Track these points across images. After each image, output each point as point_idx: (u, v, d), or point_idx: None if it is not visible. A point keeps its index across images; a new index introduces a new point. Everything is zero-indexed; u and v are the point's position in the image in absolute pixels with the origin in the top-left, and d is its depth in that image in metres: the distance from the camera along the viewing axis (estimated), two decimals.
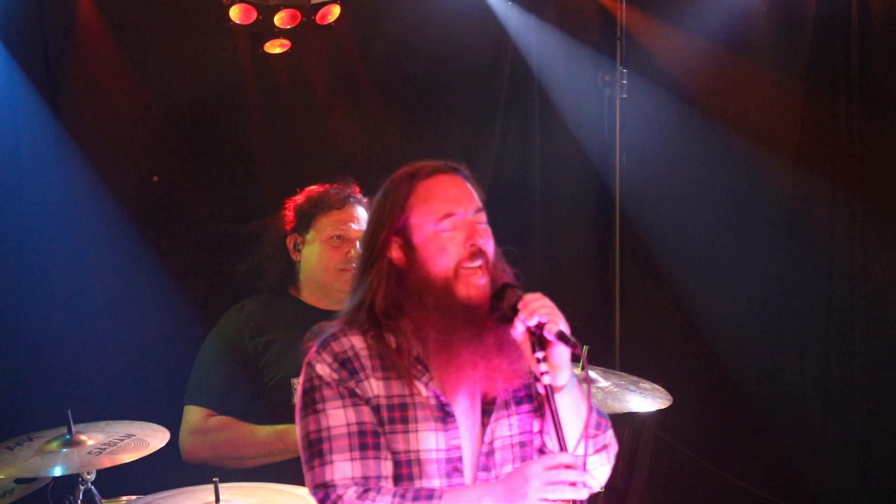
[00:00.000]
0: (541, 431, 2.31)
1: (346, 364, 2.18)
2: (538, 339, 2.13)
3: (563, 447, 2.09)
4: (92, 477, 2.99)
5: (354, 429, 2.14)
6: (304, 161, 4.30)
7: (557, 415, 2.11)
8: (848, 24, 4.76)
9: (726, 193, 4.94)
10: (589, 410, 2.20)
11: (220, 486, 2.68)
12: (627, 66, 4.73)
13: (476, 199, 2.29)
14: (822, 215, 4.87)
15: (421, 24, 4.44)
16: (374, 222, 2.29)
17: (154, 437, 3.01)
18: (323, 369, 2.19)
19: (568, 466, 2.06)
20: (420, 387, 2.20)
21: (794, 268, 4.97)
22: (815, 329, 4.93)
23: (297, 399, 2.23)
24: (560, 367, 2.17)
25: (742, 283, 4.97)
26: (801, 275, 4.96)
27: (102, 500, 3.08)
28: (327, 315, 3.45)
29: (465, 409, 2.24)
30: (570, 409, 2.20)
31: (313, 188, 3.56)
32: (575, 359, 2.21)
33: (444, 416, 2.20)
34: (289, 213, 3.53)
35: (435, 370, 2.21)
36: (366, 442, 2.14)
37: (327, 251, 3.42)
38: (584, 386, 2.22)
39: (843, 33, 4.77)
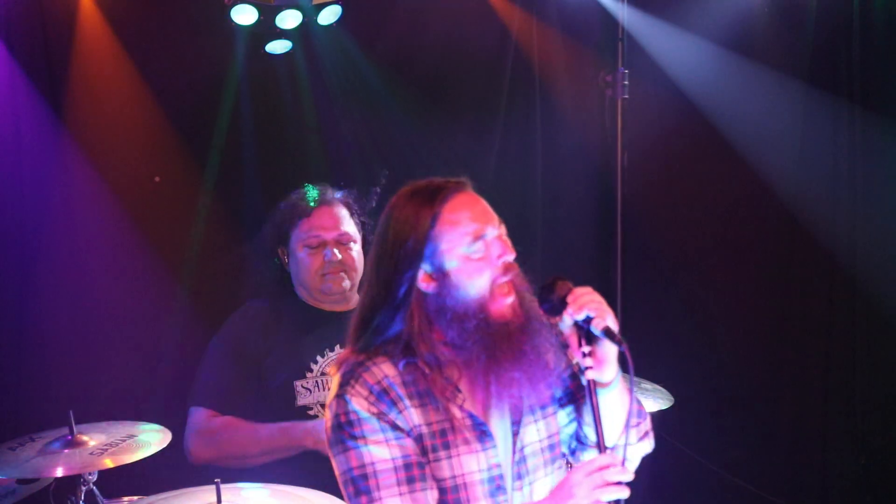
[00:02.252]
0: (578, 421, 2.32)
1: (382, 396, 2.13)
2: (585, 333, 2.12)
3: (601, 444, 2.09)
4: (94, 478, 2.99)
5: (400, 462, 2.10)
6: (306, 161, 4.30)
7: (598, 411, 2.10)
8: (849, 24, 4.76)
9: (727, 193, 4.95)
10: (631, 400, 2.21)
11: (222, 486, 2.67)
12: (629, 67, 4.72)
13: (494, 212, 2.25)
14: (823, 215, 4.87)
15: (422, 24, 4.45)
16: (393, 255, 2.18)
17: (156, 438, 3.01)
18: (359, 403, 2.12)
19: (609, 467, 2.05)
20: (455, 410, 2.17)
21: (795, 267, 4.97)
22: (816, 328, 4.94)
23: (328, 432, 2.16)
24: (605, 363, 2.16)
25: (743, 283, 4.98)
26: (801, 274, 4.96)
27: (104, 501, 3.08)
28: (330, 316, 3.48)
29: (496, 423, 2.22)
30: (614, 404, 2.21)
31: (286, 199, 3.55)
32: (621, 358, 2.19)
33: (481, 434, 2.18)
34: (269, 228, 3.54)
35: (467, 390, 2.19)
36: (412, 475, 2.10)
37: (307, 259, 3.43)
38: (627, 379, 2.22)
39: (845, 33, 4.78)
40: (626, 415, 2.21)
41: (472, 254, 2.17)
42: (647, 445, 2.38)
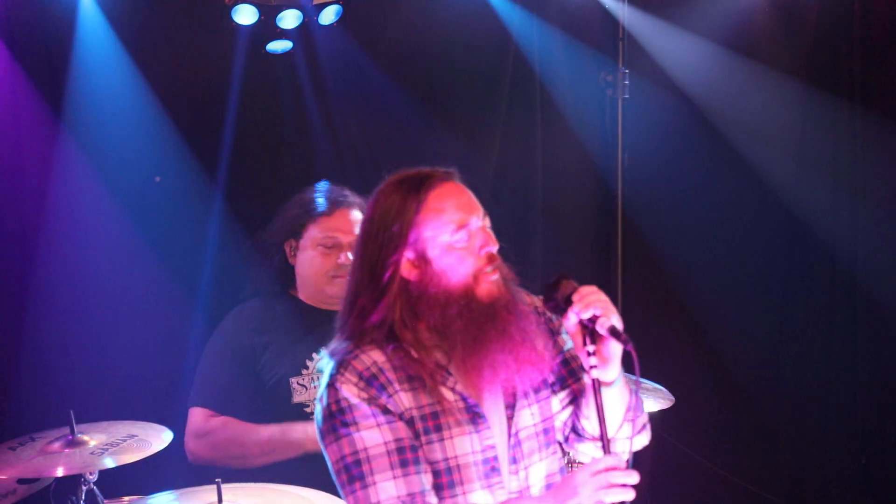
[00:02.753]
0: (575, 412, 2.32)
1: (372, 381, 2.14)
2: (590, 332, 2.12)
3: (605, 444, 2.09)
4: (94, 477, 2.98)
5: (392, 446, 2.11)
6: (306, 161, 4.30)
7: (602, 411, 2.10)
8: (850, 23, 4.76)
9: (728, 193, 4.95)
10: (631, 393, 2.23)
11: (223, 486, 2.67)
12: (629, 67, 4.73)
13: (479, 204, 2.27)
14: (823, 215, 4.87)
15: (423, 24, 4.45)
16: (378, 239, 2.21)
17: (156, 438, 3.01)
18: (350, 389, 2.14)
19: (615, 469, 2.05)
20: (446, 392, 2.18)
21: (796, 267, 4.97)
22: (816, 329, 4.94)
23: (319, 423, 2.17)
24: (610, 362, 2.16)
25: (744, 284, 4.98)
26: (802, 274, 4.96)
27: (105, 501, 3.08)
28: (327, 315, 3.45)
29: (490, 406, 2.23)
30: (615, 402, 2.21)
31: (304, 194, 3.54)
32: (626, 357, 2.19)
33: (474, 416, 2.19)
34: (281, 220, 3.53)
35: (458, 373, 2.20)
36: (406, 458, 2.11)
37: (319, 258, 3.41)
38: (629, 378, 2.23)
39: (846, 33, 4.78)
40: (625, 409, 2.23)
41: (455, 242, 2.18)
42: (645, 438, 2.38)
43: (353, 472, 2.11)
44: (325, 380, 2.19)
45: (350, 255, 3.38)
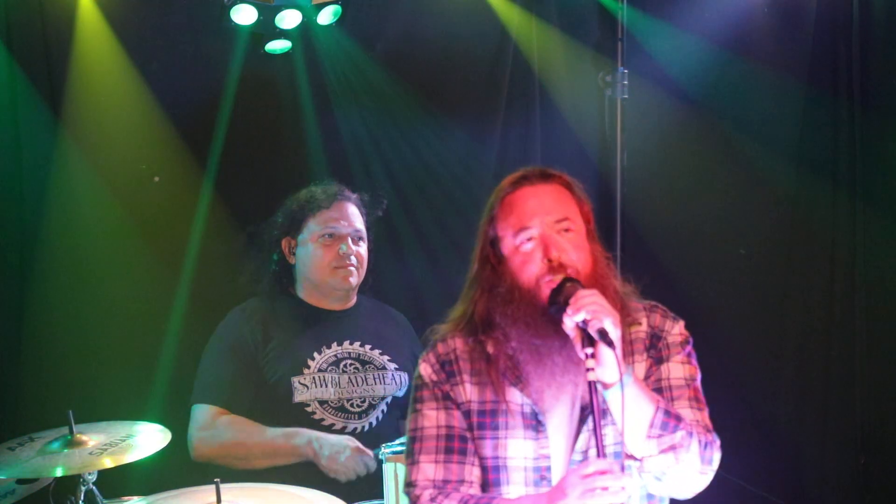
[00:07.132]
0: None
1: (445, 366, 2.26)
2: (587, 335, 2.13)
3: (599, 447, 2.09)
4: (93, 477, 2.99)
5: (443, 432, 2.21)
6: (305, 161, 4.30)
7: (598, 412, 2.10)
8: (849, 23, 4.75)
9: (727, 194, 4.94)
10: (655, 410, 2.20)
11: (222, 486, 2.67)
12: (629, 67, 4.72)
13: (559, 208, 2.30)
14: (823, 215, 4.86)
15: (422, 24, 4.45)
16: (478, 232, 2.34)
17: (156, 438, 3.01)
18: (426, 369, 2.29)
19: (604, 472, 2.05)
20: (515, 394, 2.22)
21: (795, 267, 4.96)
22: (815, 329, 4.93)
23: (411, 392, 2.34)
24: (606, 365, 2.15)
25: (743, 283, 4.97)
26: (801, 275, 4.95)
27: (104, 501, 3.08)
28: (328, 314, 3.49)
29: (560, 418, 2.24)
30: (620, 405, 2.15)
31: (300, 192, 3.57)
32: None
33: (536, 424, 2.21)
34: (280, 218, 3.54)
35: (528, 378, 2.22)
36: (451, 446, 2.20)
37: (320, 250, 3.44)
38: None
39: (845, 33, 4.77)
40: (647, 424, 2.17)
41: (520, 245, 2.26)
42: (672, 459, 2.22)
43: (409, 447, 2.26)
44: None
45: (353, 245, 3.42)
